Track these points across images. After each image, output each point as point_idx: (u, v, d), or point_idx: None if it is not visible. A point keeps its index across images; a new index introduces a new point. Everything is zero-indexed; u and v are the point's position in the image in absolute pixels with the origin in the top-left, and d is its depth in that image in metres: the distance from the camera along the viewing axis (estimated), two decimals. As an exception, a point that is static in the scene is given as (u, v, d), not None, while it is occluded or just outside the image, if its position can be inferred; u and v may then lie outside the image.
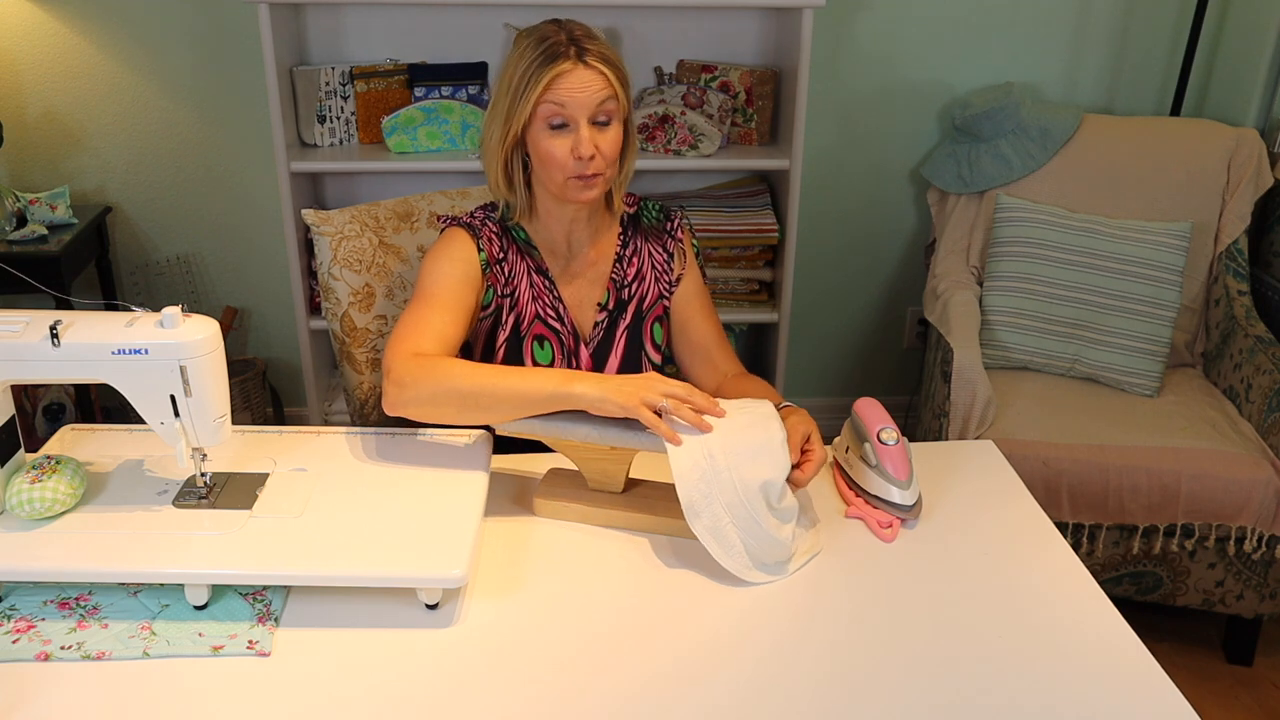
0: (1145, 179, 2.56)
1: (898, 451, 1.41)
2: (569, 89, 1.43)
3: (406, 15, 2.64)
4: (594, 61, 1.44)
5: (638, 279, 1.64)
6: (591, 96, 1.44)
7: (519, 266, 1.58)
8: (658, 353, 1.67)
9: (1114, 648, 1.19)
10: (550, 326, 1.60)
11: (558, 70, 1.42)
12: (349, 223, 1.74)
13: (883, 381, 3.20)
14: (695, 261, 1.70)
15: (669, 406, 1.31)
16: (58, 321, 1.20)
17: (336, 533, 1.25)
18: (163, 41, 2.65)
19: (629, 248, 1.64)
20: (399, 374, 1.39)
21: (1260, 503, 2.09)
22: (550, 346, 1.59)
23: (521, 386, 1.36)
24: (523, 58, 1.45)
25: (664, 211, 1.68)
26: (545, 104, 1.44)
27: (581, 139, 1.45)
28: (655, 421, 1.30)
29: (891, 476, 1.40)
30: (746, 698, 1.11)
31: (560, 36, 1.45)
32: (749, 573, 1.29)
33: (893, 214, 3.00)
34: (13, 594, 1.23)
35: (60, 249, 2.46)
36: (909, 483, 1.40)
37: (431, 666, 1.14)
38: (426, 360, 1.40)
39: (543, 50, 1.44)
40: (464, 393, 1.37)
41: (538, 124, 1.46)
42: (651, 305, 1.65)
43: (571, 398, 1.33)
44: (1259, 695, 2.23)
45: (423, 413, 1.39)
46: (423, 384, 1.37)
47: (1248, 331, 2.40)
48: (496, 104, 1.49)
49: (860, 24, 2.77)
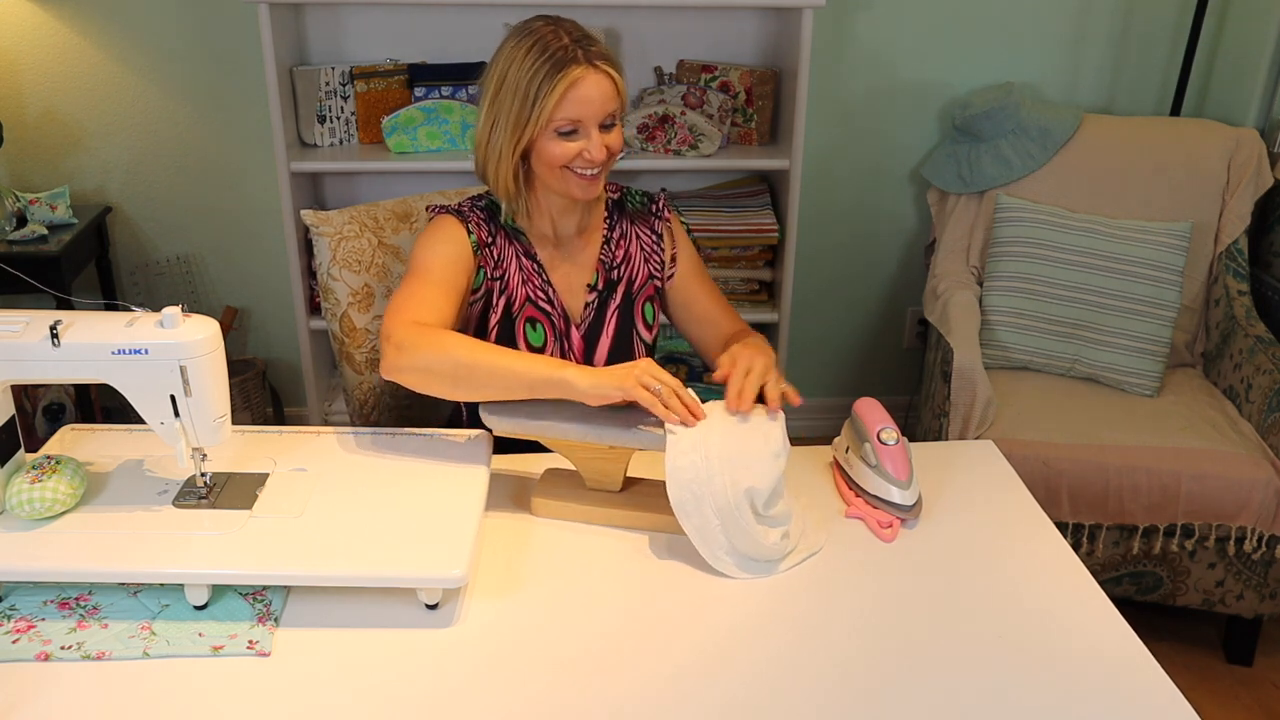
0: (1145, 179, 2.56)
1: (898, 452, 1.41)
2: (584, 97, 1.45)
3: (406, 15, 2.64)
4: (601, 64, 1.45)
5: (626, 260, 1.66)
6: (604, 104, 1.47)
7: (507, 250, 1.59)
8: (649, 331, 1.69)
9: (1114, 648, 1.19)
10: (541, 309, 1.60)
11: (571, 77, 1.43)
12: (348, 223, 1.74)
13: (883, 381, 3.20)
14: (688, 239, 1.72)
15: (663, 390, 1.32)
16: (58, 321, 1.20)
17: (336, 533, 1.25)
18: (163, 41, 2.65)
19: (616, 230, 1.66)
20: (400, 338, 1.40)
21: (1260, 503, 2.09)
22: (542, 328, 1.60)
23: (517, 366, 1.38)
24: (525, 61, 1.45)
25: (647, 196, 1.71)
26: (560, 117, 1.45)
27: (594, 144, 1.47)
28: (651, 400, 1.31)
29: (891, 476, 1.40)
30: (746, 696, 1.11)
31: (563, 39, 1.45)
32: (735, 570, 1.30)
33: (893, 214, 3.00)
34: (13, 594, 1.23)
35: (60, 249, 2.46)
36: (909, 483, 1.40)
37: (431, 666, 1.14)
38: (427, 329, 1.42)
39: (549, 56, 1.44)
40: (460, 363, 1.38)
41: (547, 131, 1.47)
42: (642, 286, 1.66)
43: (565, 383, 1.35)
44: (1259, 695, 2.23)
45: (417, 380, 1.40)
46: (422, 350, 1.39)
47: (1248, 331, 2.40)
48: (500, 108, 1.48)
49: (860, 24, 2.77)
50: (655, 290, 1.68)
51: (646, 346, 1.69)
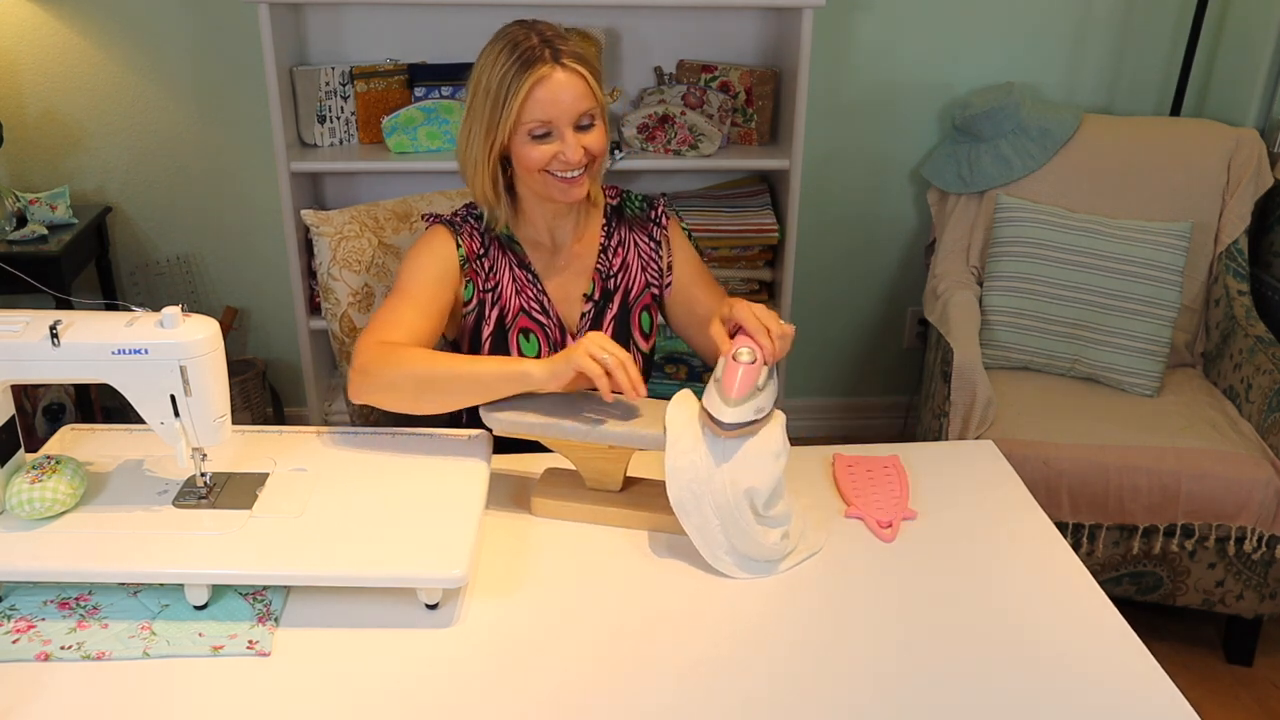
0: (1145, 179, 2.56)
1: (743, 370, 1.30)
2: (551, 96, 1.43)
3: (406, 15, 2.64)
4: (570, 62, 1.44)
5: (623, 269, 1.65)
6: (573, 104, 1.44)
7: (501, 261, 1.59)
8: (646, 341, 1.68)
9: (1114, 648, 1.19)
10: (535, 320, 1.60)
11: (536, 76, 1.42)
12: (348, 223, 1.74)
13: (883, 381, 3.20)
14: (688, 243, 1.70)
15: (609, 360, 1.31)
16: (58, 321, 1.20)
17: (336, 533, 1.25)
18: (163, 41, 2.65)
19: (613, 238, 1.65)
20: (362, 362, 1.43)
21: (1260, 503, 2.09)
22: (536, 339, 1.60)
23: (475, 370, 1.40)
24: (496, 64, 1.44)
25: (647, 201, 1.69)
26: (529, 118, 1.44)
27: (569, 146, 1.46)
28: (597, 371, 1.31)
29: (722, 390, 1.30)
30: (746, 695, 1.11)
31: (532, 40, 1.44)
32: (735, 571, 1.30)
33: (893, 214, 3.00)
34: (13, 594, 1.23)
35: (60, 249, 2.46)
36: (737, 401, 1.28)
37: (431, 666, 1.14)
38: (389, 348, 1.43)
39: (517, 56, 1.43)
40: (420, 377, 1.40)
41: (520, 135, 1.46)
42: (639, 295, 1.66)
43: (524, 375, 1.36)
44: (1259, 695, 2.23)
45: (382, 399, 1.43)
46: (383, 371, 1.41)
47: (1248, 331, 2.40)
48: (474, 113, 1.48)
49: (860, 24, 2.77)
50: (652, 299, 1.68)
51: (643, 356, 1.68)
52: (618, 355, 1.33)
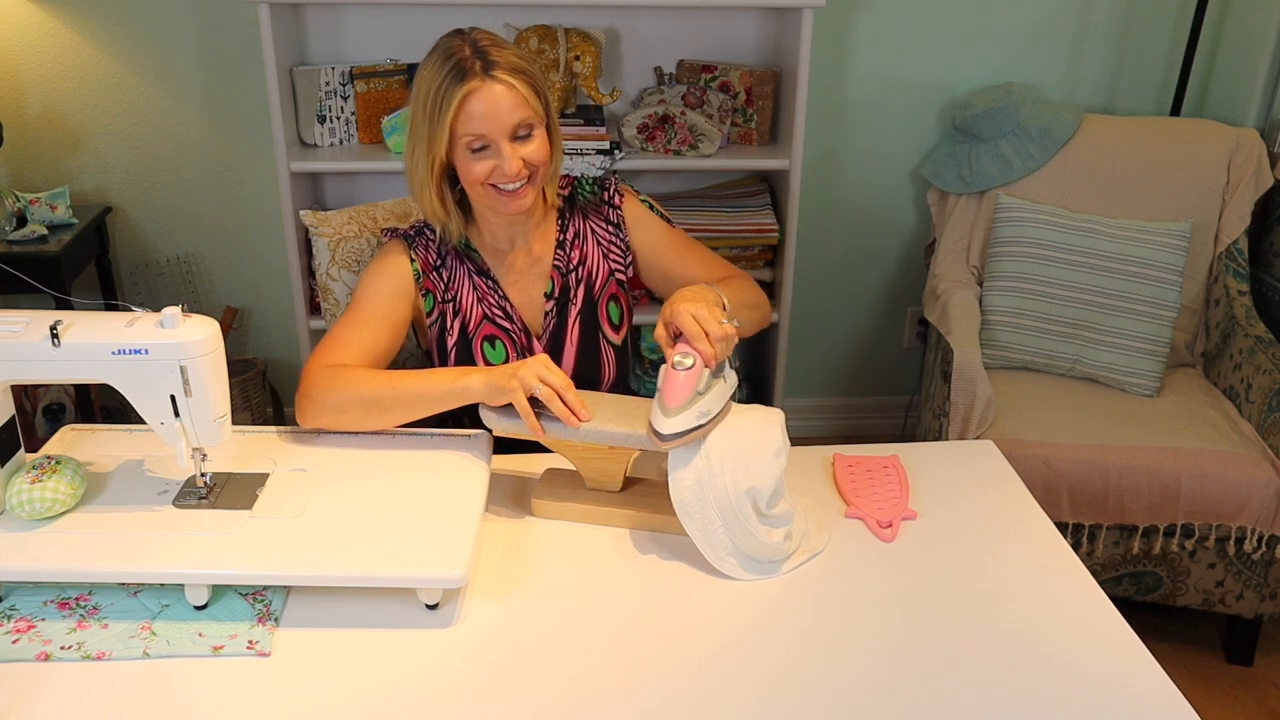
0: (1145, 179, 2.56)
1: (679, 377, 1.28)
2: (482, 109, 1.41)
3: (406, 15, 2.64)
4: (502, 74, 1.41)
5: (582, 263, 1.63)
6: (506, 116, 1.42)
7: (459, 271, 1.58)
8: (616, 333, 1.66)
9: (1114, 648, 1.19)
10: (499, 326, 1.59)
11: (466, 89, 1.40)
12: (347, 223, 1.74)
13: (883, 381, 3.20)
14: (648, 214, 1.66)
15: (543, 394, 1.32)
16: (58, 321, 1.20)
17: (336, 533, 1.25)
18: (163, 41, 2.65)
19: (569, 231, 1.63)
20: (306, 387, 1.43)
21: (1260, 503, 2.09)
22: (502, 345, 1.59)
23: (418, 385, 1.40)
24: (432, 78, 1.43)
25: (598, 184, 1.66)
26: (463, 132, 1.42)
27: (505, 158, 1.44)
28: (526, 409, 1.32)
29: (662, 399, 1.28)
30: (746, 696, 1.11)
31: (465, 51, 1.42)
32: (739, 572, 1.29)
33: (893, 214, 3.00)
34: (13, 594, 1.23)
35: (60, 249, 2.46)
36: (675, 410, 1.27)
37: (431, 666, 1.14)
38: (334, 371, 1.43)
39: (450, 69, 1.41)
40: (365, 398, 1.41)
41: (459, 149, 1.45)
42: (604, 285, 1.64)
43: (466, 390, 1.38)
44: (1259, 695, 2.23)
45: (332, 421, 1.43)
46: (327, 395, 1.41)
47: (1248, 331, 2.40)
48: (415, 128, 1.47)
49: (860, 24, 2.77)
50: (619, 286, 1.65)
51: (616, 349, 1.66)
52: (554, 384, 1.33)
